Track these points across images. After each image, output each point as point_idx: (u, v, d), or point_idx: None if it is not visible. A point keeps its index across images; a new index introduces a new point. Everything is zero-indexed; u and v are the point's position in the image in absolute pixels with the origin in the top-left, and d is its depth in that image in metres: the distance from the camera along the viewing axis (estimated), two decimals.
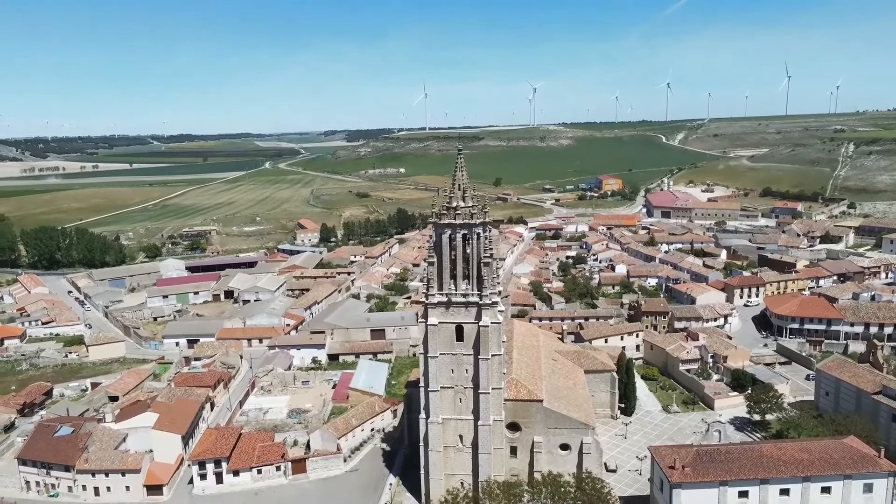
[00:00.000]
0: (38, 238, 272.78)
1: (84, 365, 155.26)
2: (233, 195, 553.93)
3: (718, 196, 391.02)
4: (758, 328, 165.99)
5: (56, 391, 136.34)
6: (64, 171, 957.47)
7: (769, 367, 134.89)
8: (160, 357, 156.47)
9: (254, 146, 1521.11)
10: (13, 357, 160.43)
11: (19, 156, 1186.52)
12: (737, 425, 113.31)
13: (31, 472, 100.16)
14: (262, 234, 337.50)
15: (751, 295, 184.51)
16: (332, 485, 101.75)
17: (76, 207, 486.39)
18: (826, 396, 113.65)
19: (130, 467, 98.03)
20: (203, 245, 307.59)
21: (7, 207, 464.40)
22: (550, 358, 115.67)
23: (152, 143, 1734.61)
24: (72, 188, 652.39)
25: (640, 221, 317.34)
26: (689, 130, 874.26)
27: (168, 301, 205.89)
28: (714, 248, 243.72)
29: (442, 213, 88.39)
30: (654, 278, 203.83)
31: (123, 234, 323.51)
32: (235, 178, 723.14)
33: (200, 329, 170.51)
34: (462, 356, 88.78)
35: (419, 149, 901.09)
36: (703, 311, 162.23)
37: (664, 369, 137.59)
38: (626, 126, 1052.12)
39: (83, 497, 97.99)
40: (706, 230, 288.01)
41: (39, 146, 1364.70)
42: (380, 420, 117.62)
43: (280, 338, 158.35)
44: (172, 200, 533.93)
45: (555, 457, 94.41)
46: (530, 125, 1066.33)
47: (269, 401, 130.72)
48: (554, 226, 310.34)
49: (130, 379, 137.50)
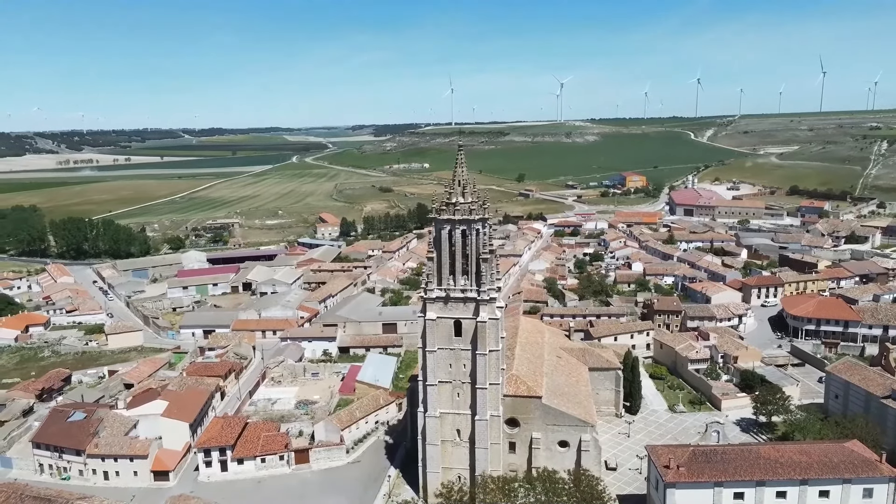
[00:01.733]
0: (66, 229, 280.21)
1: (103, 353, 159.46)
2: (258, 188, 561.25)
3: (743, 194, 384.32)
4: (773, 329, 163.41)
5: (74, 378, 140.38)
6: (97, 163, 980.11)
7: (781, 368, 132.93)
8: (176, 347, 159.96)
9: (282, 140, 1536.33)
10: (36, 344, 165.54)
11: (55, 148, 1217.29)
12: (743, 426, 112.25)
13: (45, 456, 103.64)
14: (283, 228, 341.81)
15: (768, 295, 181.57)
16: (334, 475, 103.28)
17: (106, 199, 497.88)
18: (835, 399, 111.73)
19: (138, 453, 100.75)
20: (225, 238, 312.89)
21: (40, 198, 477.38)
22: (555, 355, 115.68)
23: (183, 136, 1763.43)
24: (103, 180, 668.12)
25: (662, 219, 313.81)
26: (718, 127, 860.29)
27: (188, 292, 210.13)
28: (735, 247, 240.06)
29: (441, 208, 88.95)
30: (671, 277, 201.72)
31: (149, 225, 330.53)
32: (262, 172, 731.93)
33: (216, 320, 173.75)
34: (460, 351, 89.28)
35: (444, 144, 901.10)
36: (717, 310, 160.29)
37: (673, 368, 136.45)
38: (654, 122, 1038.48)
39: (93, 481, 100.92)
40: (728, 229, 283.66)
41: (75, 139, 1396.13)
42: (384, 413, 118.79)
43: (292, 330, 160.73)
44: (199, 193, 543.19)
45: (553, 453, 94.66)
46: (557, 121, 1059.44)
47: (278, 391, 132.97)
48: (573, 222, 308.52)
49: (146, 367, 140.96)
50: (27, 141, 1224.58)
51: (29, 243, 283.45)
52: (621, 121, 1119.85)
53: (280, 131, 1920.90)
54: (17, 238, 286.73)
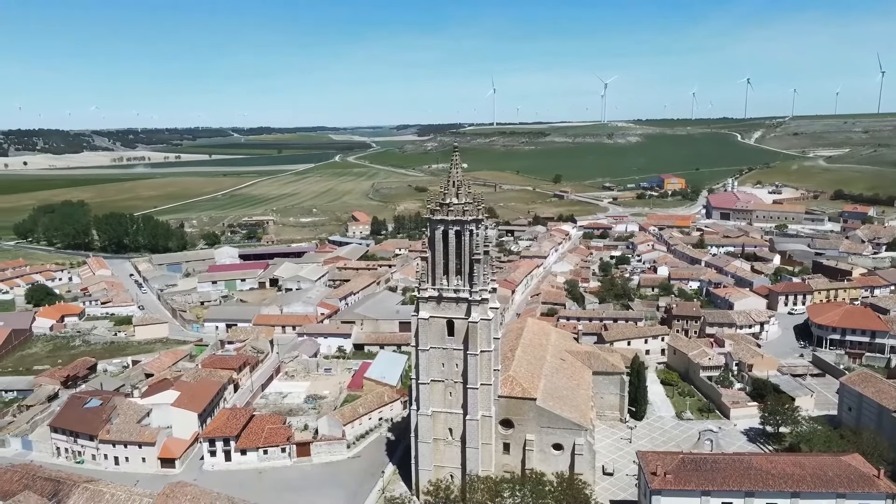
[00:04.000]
0: (108, 224, 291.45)
1: (130, 343, 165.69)
2: (298, 186, 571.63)
3: (784, 198, 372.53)
4: (798, 338, 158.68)
5: (100, 366, 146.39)
6: (149, 160, 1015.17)
7: (799, 378, 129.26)
8: (199, 339, 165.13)
9: (328, 139, 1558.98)
10: (69, 333, 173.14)
11: (111, 146, 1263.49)
12: (750, 436, 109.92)
13: (61, 440, 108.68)
14: (316, 226, 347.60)
15: (796, 303, 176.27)
16: (334, 469, 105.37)
17: (153, 195, 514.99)
18: (848, 412, 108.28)
19: (146, 440, 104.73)
20: (259, 234, 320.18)
21: (91, 194, 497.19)
22: (558, 357, 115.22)
23: (233, 135, 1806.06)
24: (153, 177, 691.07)
25: (695, 222, 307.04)
26: (767, 128, 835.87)
27: (216, 287, 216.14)
28: (767, 253, 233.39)
29: (435, 209, 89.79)
30: (696, 281, 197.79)
31: (188, 221, 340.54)
32: (304, 171, 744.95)
33: (239, 314, 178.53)
34: (452, 351, 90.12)
35: (484, 144, 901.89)
36: (738, 316, 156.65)
37: (686, 375, 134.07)
38: (702, 123, 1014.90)
39: (104, 465, 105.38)
40: (764, 233, 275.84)
41: (129, 137, 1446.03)
42: (388, 410, 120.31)
43: (308, 326, 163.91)
44: (242, 190, 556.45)
45: (547, 456, 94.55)
46: (601, 121, 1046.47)
47: (290, 386, 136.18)
48: (603, 225, 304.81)
49: (167, 358, 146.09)
50: (85, 138, 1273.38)
51: (74, 237, 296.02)
52: (668, 122, 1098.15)
53: (326, 130, 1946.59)
54: (64, 232, 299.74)
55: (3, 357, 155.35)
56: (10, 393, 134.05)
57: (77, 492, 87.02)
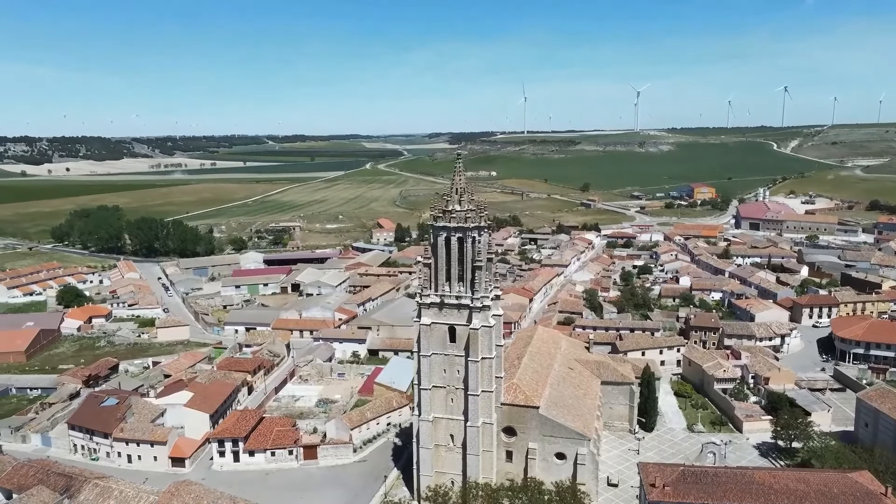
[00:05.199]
0: (139, 228, 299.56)
1: (152, 345, 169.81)
2: (327, 193, 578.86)
3: (817, 208, 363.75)
4: (821, 351, 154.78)
5: (122, 367, 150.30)
6: (186, 167, 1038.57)
7: (818, 392, 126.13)
8: (218, 342, 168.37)
9: (361, 147, 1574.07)
10: (95, 334, 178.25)
11: (150, 153, 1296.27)
12: (762, 450, 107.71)
13: (78, 437, 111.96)
14: (341, 232, 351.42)
15: (821, 315, 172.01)
16: (339, 472, 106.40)
17: (186, 201, 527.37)
18: (865, 428, 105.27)
19: (158, 439, 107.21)
20: (285, 240, 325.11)
21: (128, 199, 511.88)
22: (566, 366, 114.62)
23: (268, 142, 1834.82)
24: (188, 183, 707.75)
25: (723, 233, 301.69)
26: (804, 137, 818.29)
27: (239, 290, 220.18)
28: (795, 264, 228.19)
29: (438, 215, 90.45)
30: (719, 292, 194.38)
31: (217, 227, 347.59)
32: (334, 178, 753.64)
33: (259, 318, 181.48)
34: (454, 357, 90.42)
35: (514, 152, 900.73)
36: (758, 329, 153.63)
37: (700, 387, 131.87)
38: (738, 132, 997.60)
39: (118, 463, 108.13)
40: (794, 244, 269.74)
41: (168, 144, 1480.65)
42: (397, 415, 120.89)
43: (324, 330, 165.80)
44: (272, 197, 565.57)
45: (550, 465, 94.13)
46: (633, 130, 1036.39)
47: (303, 389, 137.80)
48: (627, 234, 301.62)
49: (185, 360, 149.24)
50: (125, 145, 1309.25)
51: (107, 241, 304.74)
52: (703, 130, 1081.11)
53: (359, 138, 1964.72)
54: (97, 236, 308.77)
55: (32, 356, 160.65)
56: (34, 391, 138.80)
57: (87, 487, 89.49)
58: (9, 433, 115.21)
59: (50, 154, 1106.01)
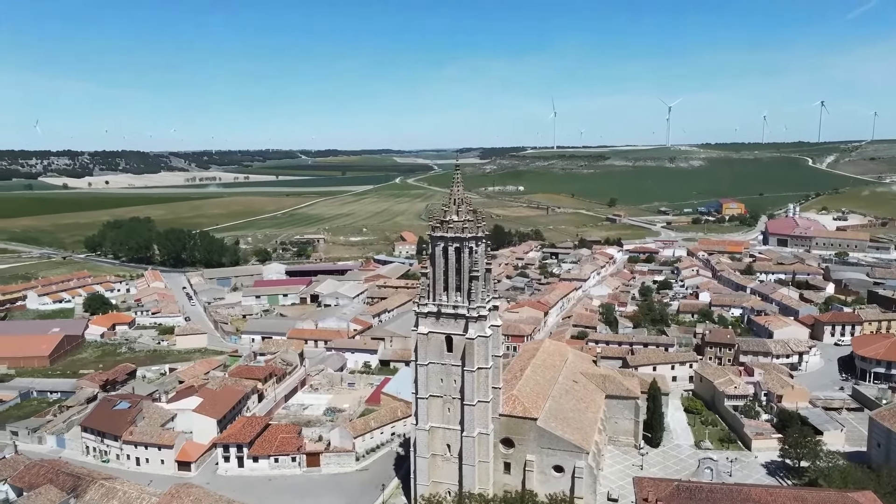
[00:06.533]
0: (168, 239, 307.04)
1: (171, 352, 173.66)
2: (354, 207, 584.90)
3: (849, 225, 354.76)
4: (841, 370, 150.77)
5: (139, 372, 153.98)
6: (220, 181, 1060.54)
7: (834, 411, 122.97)
8: (234, 350, 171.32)
9: (392, 162, 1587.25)
10: (118, 341, 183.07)
11: (186, 167, 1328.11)
12: (770, 469, 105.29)
13: (90, 439, 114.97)
14: (364, 244, 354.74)
15: (843, 333, 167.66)
16: (341, 480, 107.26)
17: (217, 213, 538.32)
18: (878, 448, 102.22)
19: (165, 443, 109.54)
20: (308, 252, 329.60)
21: (162, 212, 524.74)
22: (571, 379, 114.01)
23: (301, 157, 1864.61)
24: (221, 196, 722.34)
25: (748, 248, 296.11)
26: (841, 153, 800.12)
27: (259, 301, 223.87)
28: (821, 281, 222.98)
29: (436, 225, 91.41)
30: (739, 308, 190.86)
31: (243, 238, 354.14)
32: (363, 192, 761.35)
33: (275, 327, 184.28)
34: (451, 367, 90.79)
35: (543, 167, 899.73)
36: (775, 346, 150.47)
37: (711, 403, 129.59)
38: (773, 147, 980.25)
39: (127, 465, 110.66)
40: (822, 261, 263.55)
41: (204, 158, 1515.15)
42: (402, 425, 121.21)
43: (337, 340, 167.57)
44: (301, 210, 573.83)
45: (548, 477, 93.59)
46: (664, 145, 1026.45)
47: (312, 398, 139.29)
48: (650, 249, 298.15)
49: (200, 367, 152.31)
50: (163, 159, 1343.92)
51: (137, 251, 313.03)
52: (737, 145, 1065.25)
53: (391, 153, 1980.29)
54: (128, 246, 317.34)
55: (56, 360, 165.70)
56: (55, 394, 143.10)
57: (94, 488, 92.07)
58: (26, 434, 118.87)
59: (91, 167, 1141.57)
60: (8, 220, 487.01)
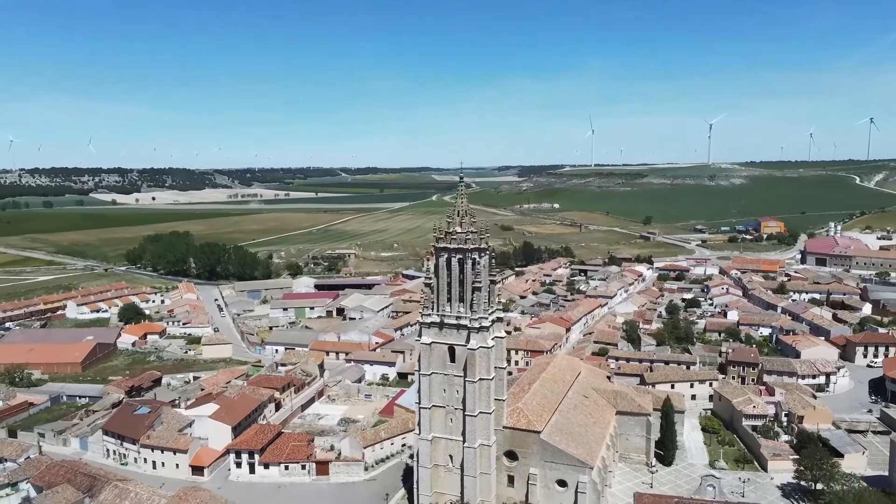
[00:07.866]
0: (203, 253, 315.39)
1: (197, 361, 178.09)
2: (388, 224, 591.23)
3: (893, 245, 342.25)
4: (872, 392, 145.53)
5: (165, 380, 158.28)
6: (261, 197, 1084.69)
7: (859, 433, 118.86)
8: (257, 360, 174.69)
9: (430, 179, 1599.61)
10: (147, 349, 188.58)
11: (229, 184, 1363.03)
12: (786, 491, 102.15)
13: (111, 442, 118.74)
14: (394, 260, 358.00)
15: (876, 354, 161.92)
16: (349, 489, 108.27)
17: (255, 229, 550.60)
18: None
19: (180, 447, 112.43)
20: (339, 266, 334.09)
21: (202, 227, 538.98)
22: (581, 394, 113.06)
23: (341, 174, 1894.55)
24: (260, 212, 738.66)
25: (783, 267, 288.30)
26: (890, 171, 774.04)
27: (286, 313, 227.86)
28: (857, 301, 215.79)
29: (440, 237, 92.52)
30: (768, 328, 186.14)
31: (276, 253, 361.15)
32: (398, 209, 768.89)
33: (298, 339, 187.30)
34: (454, 377, 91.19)
35: (579, 185, 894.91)
36: (801, 366, 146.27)
37: (730, 423, 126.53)
38: (819, 165, 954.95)
39: (144, 468, 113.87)
40: (861, 280, 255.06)
41: (247, 175, 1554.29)
42: (413, 436, 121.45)
43: (357, 353, 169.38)
44: (336, 226, 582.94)
45: (551, 492, 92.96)
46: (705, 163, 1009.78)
47: (328, 408, 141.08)
48: (680, 266, 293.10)
49: (223, 376, 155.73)
50: (207, 177, 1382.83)
51: (174, 264, 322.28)
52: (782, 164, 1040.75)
53: (430, 171, 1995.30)
54: (166, 259, 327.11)
55: (87, 367, 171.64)
56: (83, 398, 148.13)
57: (108, 488, 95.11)
58: (52, 436, 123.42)
59: (139, 184, 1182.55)
60: (59, 235, 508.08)
